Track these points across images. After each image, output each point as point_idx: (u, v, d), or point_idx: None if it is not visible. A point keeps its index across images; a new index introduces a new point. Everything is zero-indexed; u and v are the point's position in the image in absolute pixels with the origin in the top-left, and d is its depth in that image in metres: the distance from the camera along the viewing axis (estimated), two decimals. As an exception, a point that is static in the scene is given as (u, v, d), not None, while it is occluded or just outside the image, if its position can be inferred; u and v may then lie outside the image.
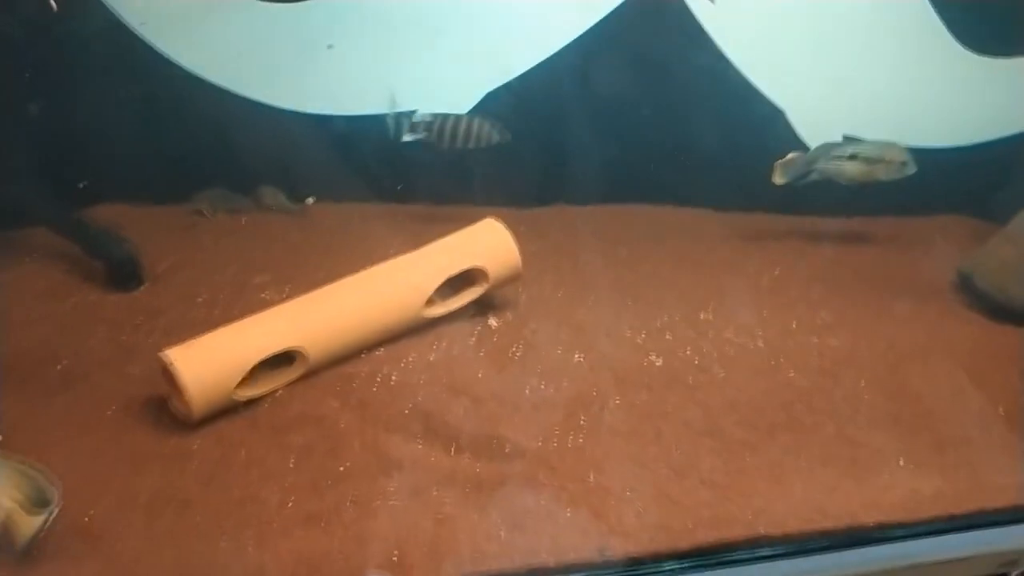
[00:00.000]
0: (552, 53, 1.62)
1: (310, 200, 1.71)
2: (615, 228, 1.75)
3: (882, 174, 1.67)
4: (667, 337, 1.48)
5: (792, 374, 1.41)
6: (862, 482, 1.26)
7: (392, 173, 1.71)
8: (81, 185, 1.48)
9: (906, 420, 1.35)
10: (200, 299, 1.42)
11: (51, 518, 1.03)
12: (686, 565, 1.19)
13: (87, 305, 1.41)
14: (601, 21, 1.60)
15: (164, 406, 1.22)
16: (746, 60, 1.63)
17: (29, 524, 1.03)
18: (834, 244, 1.81)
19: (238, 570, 1.04)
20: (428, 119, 1.53)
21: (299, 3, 1.53)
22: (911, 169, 1.67)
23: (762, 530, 1.18)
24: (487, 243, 1.44)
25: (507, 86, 1.65)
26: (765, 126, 1.68)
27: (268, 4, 1.50)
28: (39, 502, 1.04)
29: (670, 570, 1.18)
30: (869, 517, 1.20)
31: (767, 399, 1.37)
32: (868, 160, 1.66)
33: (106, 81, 1.51)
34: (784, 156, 1.64)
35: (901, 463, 1.28)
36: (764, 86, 1.65)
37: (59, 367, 1.28)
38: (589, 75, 1.64)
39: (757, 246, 1.77)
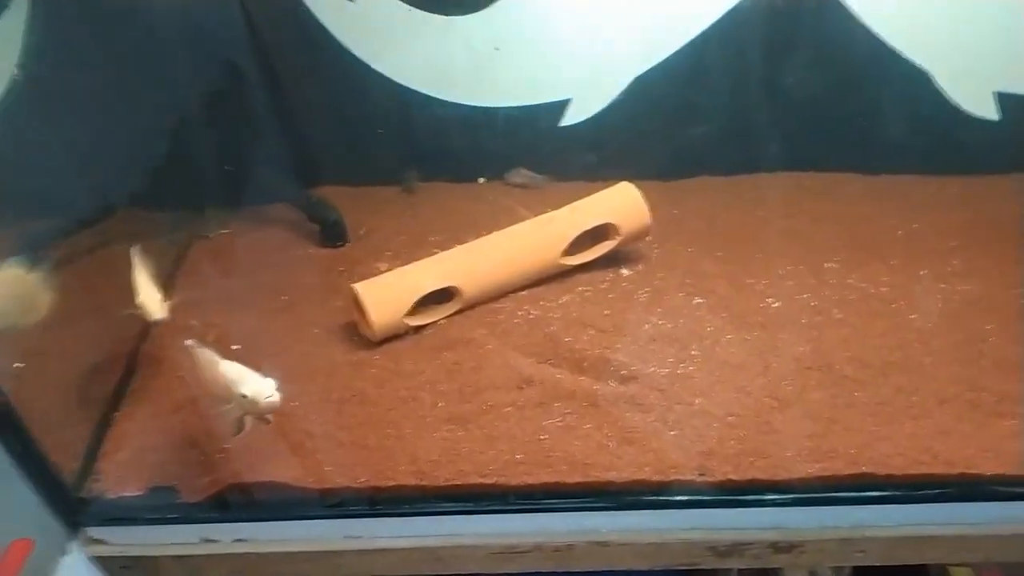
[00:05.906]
0: (694, 36, 1.68)
1: (481, 180, 1.96)
2: (754, 194, 1.79)
3: None
4: (787, 283, 1.51)
5: (913, 316, 1.39)
6: (982, 427, 1.21)
7: (550, 155, 1.87)
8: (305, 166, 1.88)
9: (1038, 365, 1.26)
10: (387, 252, 1.69)
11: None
12: (786, 497, 1.21)
13: (306, 256, 1.74)
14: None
15: (354, 328, 1.49)
16: (883, 24, 1.59)
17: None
18: (982, 202, 1.70)
19: (399, 451, 1.27)
20: None
21: (472, 14, 1.81)
22: None
23: (865, 467, 1.18)
24: (619, 202, 1.58)
25: (654, 69, 1.74)
26: (909, 88, 1.64)
27: (446, 16, 1.80)
28: None
29: (770, 500, 1.21)
30: (988, 466, 1.15)
31: (883, 339, 1.36)
32: None
33: (318, 88, 1.85)
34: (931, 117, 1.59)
35: (1032, 410, 1.20)
36: (904, 48, 1.62)
37: (283, 297, 1.59)
38: (728, 53, 1.70)
39: (898, 204, 1.71)
